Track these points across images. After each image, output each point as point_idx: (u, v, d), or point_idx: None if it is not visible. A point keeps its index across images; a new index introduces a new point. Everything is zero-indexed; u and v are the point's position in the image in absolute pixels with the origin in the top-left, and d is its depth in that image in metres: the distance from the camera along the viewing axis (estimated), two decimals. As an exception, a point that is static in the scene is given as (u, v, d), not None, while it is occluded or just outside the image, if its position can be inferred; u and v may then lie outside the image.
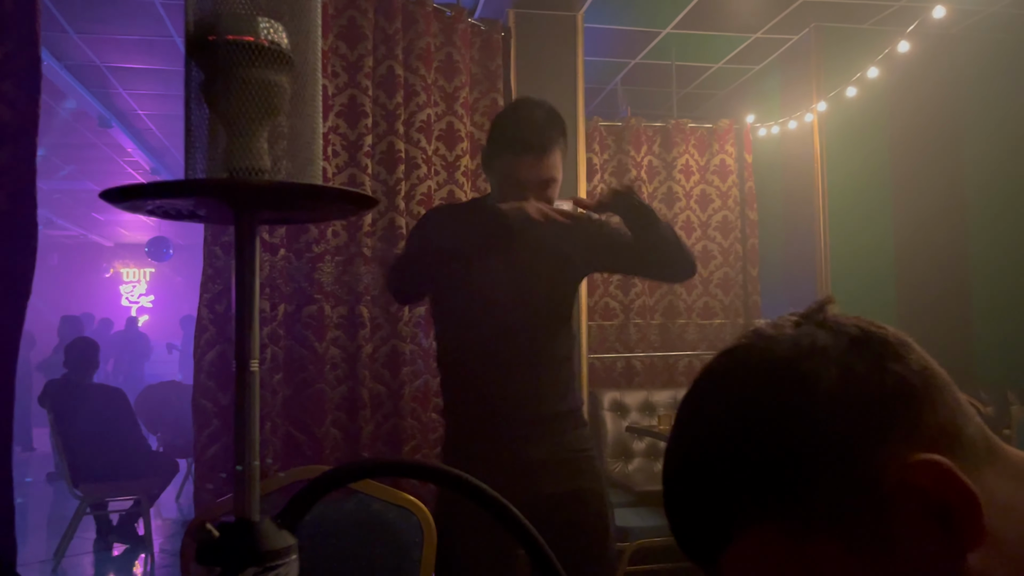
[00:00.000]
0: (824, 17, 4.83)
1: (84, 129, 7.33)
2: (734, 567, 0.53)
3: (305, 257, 3.34)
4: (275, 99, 0.56)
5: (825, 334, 0.56)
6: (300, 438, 3.29)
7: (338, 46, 3.48)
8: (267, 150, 0.56)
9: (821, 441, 0.51)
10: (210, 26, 0.55)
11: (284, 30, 0.56)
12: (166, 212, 0.57)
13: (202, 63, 0.56)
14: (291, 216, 0.67)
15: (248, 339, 0.56)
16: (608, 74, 5.85)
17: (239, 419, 0.56)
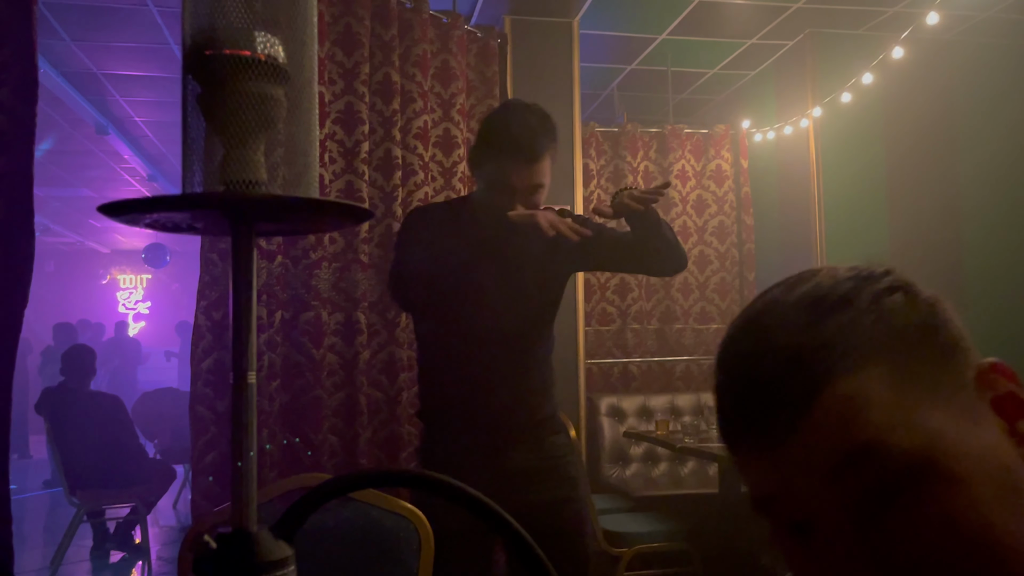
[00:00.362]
0: (818, 23, 4.85)
1: (81, 136, 7.32)
2: (833, 405, 0.54)
3: (302, 264, 3.34)
4: (272, 112, 0.56)
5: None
6: (297, 445, 3.28)
7: (334, 53, 3.49)
8: (263, 162, 0.56)
9: (935, 326, 0.59)
10: (207, 40, 0.55)
11: (280, 43, 0.56)
12: (163, 225, 0.57)
13: (199, 77, 0.56)
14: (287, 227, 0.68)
15: (246, 350, 0.56)
16: (604, 80, 5.87)
17: (236, 430, 0.56)
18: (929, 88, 5.00)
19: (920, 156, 5.00)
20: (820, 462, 0.53)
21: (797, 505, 0.55)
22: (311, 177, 0.60)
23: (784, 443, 0.55)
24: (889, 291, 0.60)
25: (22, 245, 2.03)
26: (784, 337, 0.57)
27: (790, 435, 0.54)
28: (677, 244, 2.02)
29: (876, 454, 0.52)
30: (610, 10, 4.68)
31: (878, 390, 0.54)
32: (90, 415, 4.86)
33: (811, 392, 0.54)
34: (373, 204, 3.56)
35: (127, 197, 0.55)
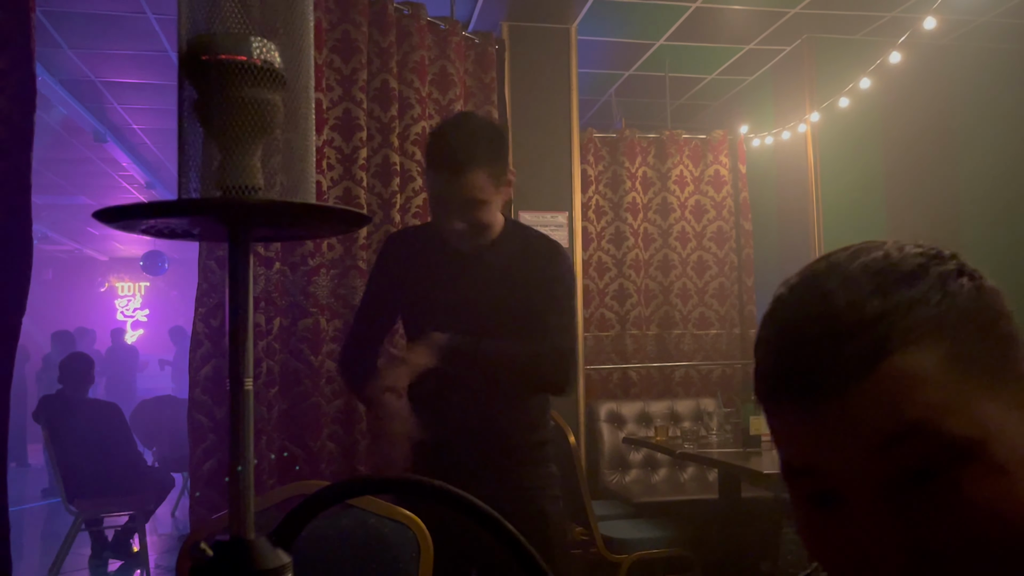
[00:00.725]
0: (816, 28, 4.86)
1: (79, 143, 7.32)
2: (889, 377, 0.53)
3: (300, 270, 3.34)
4: (268, 117, 0.56)
5: None
6: (296, 452, 3.27)
7: (332, 60, 3.49)
8: (260, 168, 0.56)
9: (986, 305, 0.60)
10: (203, 45, 0.55)
11: (277, 48, 0.56)
12: (159, 231, 0.57)
13: (195, 83, 0.56)
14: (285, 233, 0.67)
15: (242, 357, 0.56)
16: (602, 86, 5.88)
17: (234, 437, 0.56)
18: (927, 93, 5.00)
19: (918, 161, 5.00)
20: (865, 433, 0.52)
21: (830, 472, 0.54)
22: (308, 183, 0.59)
23: (830, 405, 0.53)
24: (957, 273, 0.61)
25: (20, 253, 2.03)
26: (847, 300, 0.56)
27: (838, 398, 0.53)
28: (527, 368, 1.89)
29: (926, 434, 0.51)
30: (608, 16, 4.68)
31: (937, 369, 0.53)
32: (88, 423, 4.85)
33: (869, 359, 0.53)
34: (371, 210, 3.56)
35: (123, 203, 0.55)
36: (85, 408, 4.97)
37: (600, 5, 4.51)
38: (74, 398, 5.00)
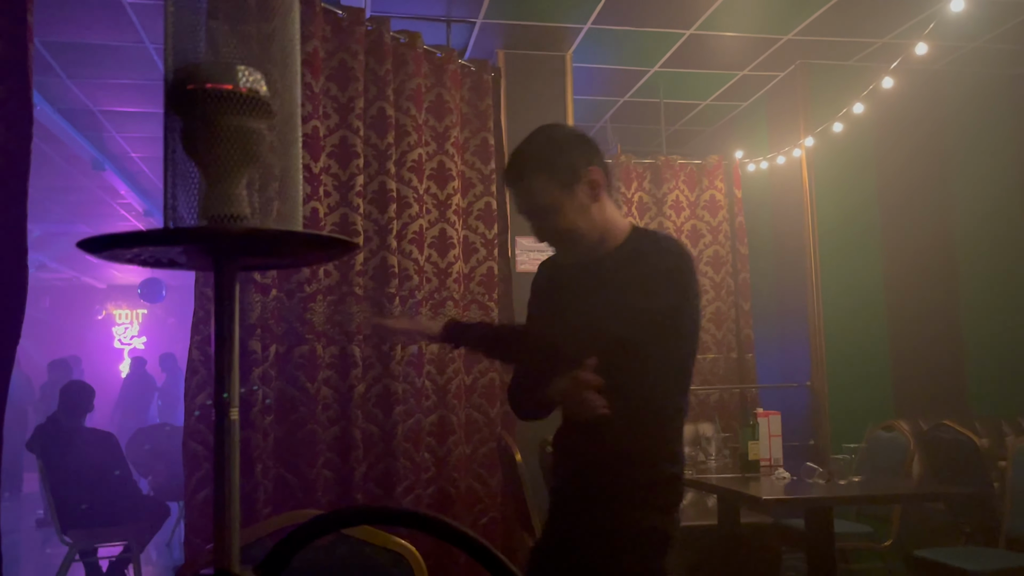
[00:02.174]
0: (809, 54, 4.90)
1: (77, 172, 7.35)
2: None
3: (297, 297, 3.34)
4: (254, 146, 0.56)
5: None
6: (292, 480, 3.25)
7: (329, 88, 3.51)
8: (246, 196, 0.56)
9: None
10: (189, 74, 0.55)
11: (263, 77, 0.56)
12: (145, 260, 0.57)
13: (181, 111, 0.56)
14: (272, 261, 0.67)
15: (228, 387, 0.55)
16: (597, 112, 5.91)
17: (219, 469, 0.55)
18: (920, 117, 5.04)
19: (912, 185, 5.02)
20: None
21: None
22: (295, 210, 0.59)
23: None
24: None
25: (15, 281, 2.02)
26: None
27: None
28: None
29: None
30: (602, 43, 4.73)
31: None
32: (83, 453, 4.81)
33: None
34: (368, 237, 3.56)
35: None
36: (80, 437, 4.93)
37: (595, 33, 4.56)
38: (69, 427, 4.97)
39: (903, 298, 4.91)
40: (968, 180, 5.08)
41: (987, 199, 5.07)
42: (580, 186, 1.81)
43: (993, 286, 5.00)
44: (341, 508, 1.15)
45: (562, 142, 1.86)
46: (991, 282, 5.00)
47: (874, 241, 4.95)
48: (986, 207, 5.06)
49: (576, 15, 4.35)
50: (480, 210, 4.09)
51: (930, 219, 5.02)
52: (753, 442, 3.35)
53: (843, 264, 4.86)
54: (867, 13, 4.40)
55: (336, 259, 0.63)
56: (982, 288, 4.99)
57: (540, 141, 1.87)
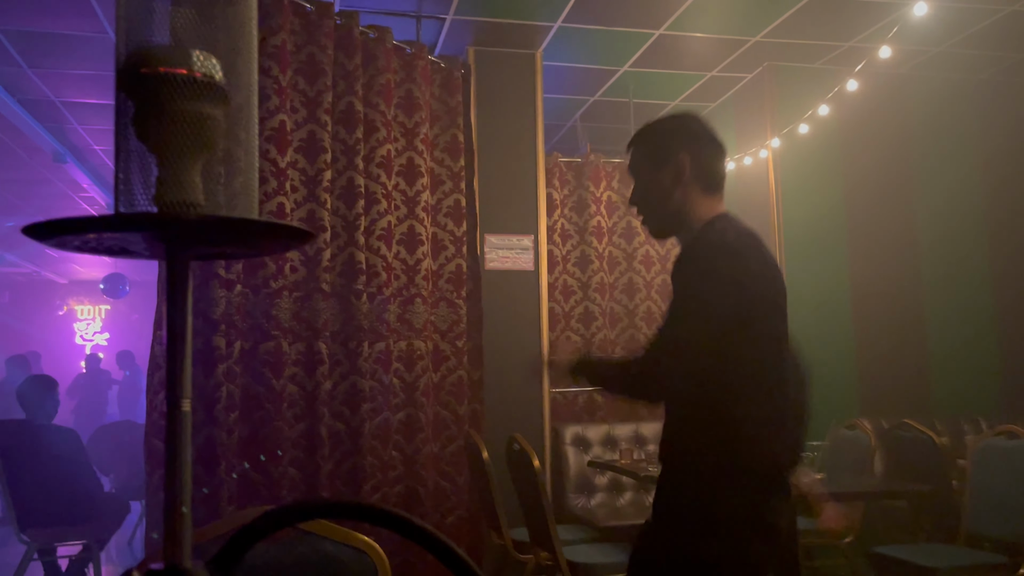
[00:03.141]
0: (776, 56, 4.95)
1: (38, 164, 7.20)
2: None
3: (263, 293, 3.30)
4: (208, 132, 0.54)
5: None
6: (256, 478, 3.22)
7: (297, 82, 3.48)
8: (200, 183, 0.55)
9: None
10: (142, 58, 0.53)
11: (219, 62, 0.55)
12: (94, 248, 0.55)
13: (133, 95, 0.54)
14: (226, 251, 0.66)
15: (181, 377, 0.54)
16: (568, 111, 5.92)
17: (170, 461, 0.54)
18: (885, 120, 5.12)
19: (878, 186, 5.10)
20: None
21: None
22: (251, 199, 0.58)
23: None
24: None
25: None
26: None
27: None
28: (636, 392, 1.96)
29: None
30: (573, 42, 4.73)
31: None
32: (46, 450, 4.71)
33: None
34: (336, 233, 3.53)
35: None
36: (42, 434, 4.84)
37: (565, 31, 4.56)
38: (30, 424, 4.87)
39: (868, 299, 4.98)
40: (933, 183, 5.17)
41: (951, 202, 5.16)
42: (667, 168, 1.91)
43: (956, 288, 5.09)
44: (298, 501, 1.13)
45: (662, 128, 1.97)
46: (955, 284, 5.09)
47: (840, 242, 5.02)
48: (950, 210, 5.15)
49: (546, 13, 4.35)
50: (449, 207, 4.07)
51: (895, 221, 5.10)
52: (718, 440, 3.37)
53: (809, 265, 4.92)
54: (833, 16, 4.45)
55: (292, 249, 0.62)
56: (945, 289, 5.08)
57: (650, 124, 2.00)
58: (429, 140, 4.03)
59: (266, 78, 3.31)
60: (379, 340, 3.62)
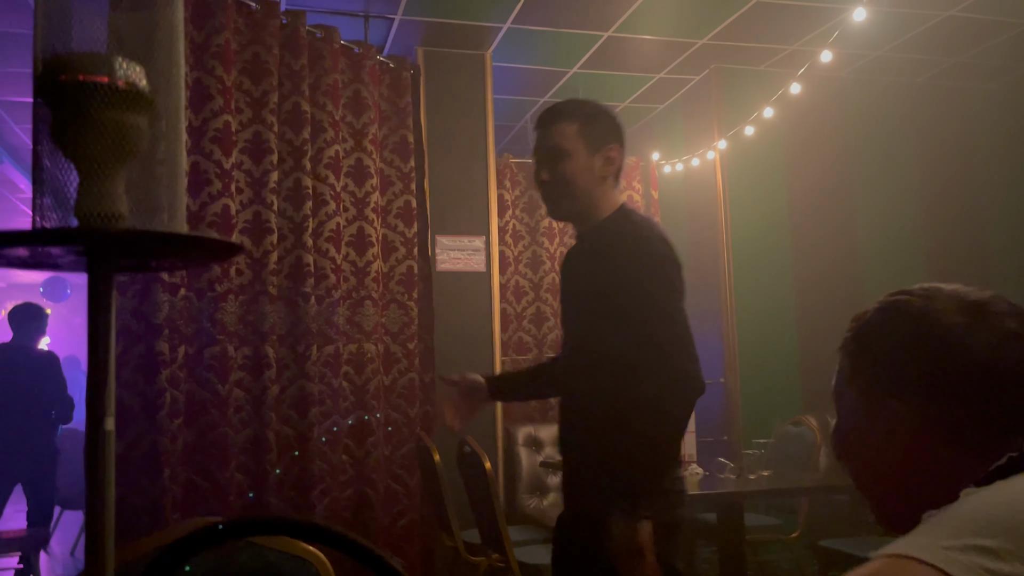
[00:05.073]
0: (723, 59, 5.02)
1: (-27, 165, 6.97)
2: None
3: (207, 296, 3.23)
4: (132, 141, 0.53)
5: None
6: (202, 485, 3.15)
7: (242, 82, 3.42)
8: (124, 194, 0.53)
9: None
10: (61, 64, 0.52)
11: (143, 70, 0.53)
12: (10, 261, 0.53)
13: (52, 103, 0.53)
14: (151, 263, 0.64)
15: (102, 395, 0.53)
16: (518, 112, 5.93)
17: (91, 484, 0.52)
18: (827, 122, 5.23)
19: (820, 187, 5.20)
20: None
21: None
22: (178, 210, 0.57)
23: None
24: None
25: None
26: None
27: None
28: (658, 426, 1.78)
29: None
30: (522, 43, 4.74)
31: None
32: None
33: None
34: (283, 235, 3.48)
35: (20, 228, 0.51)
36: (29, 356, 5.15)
37: (514, 33, 4.56)
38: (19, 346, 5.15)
39: (811, 297, 5.07)
40: (872, 185, 5.29)
41: (890, 203, 5.29)
42: (599, 155, 1.93)
43: (895, 285, 5.20)
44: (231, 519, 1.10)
45: (601, 113, 1.98)
46: (893, 282, 5.17)
47: (784, 242, 5.11)
48: (889, 211, 5.28)
49: (495, 14, 4.35)
50: (399, 208, 4.05)
51: (836, 221, 5.21)
52: (668, 439, 3.40)
53: (755, 264, 5.00)
54: (777, 20, 4.53)
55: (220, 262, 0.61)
56: (884, 287, 5.14)
57: (583, 103, 1.99)
58: (378, 141, 4.00)
59: (210, 78, 3.25)
60: (328, 343, 3.58)
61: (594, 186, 1.93)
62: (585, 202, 1.93)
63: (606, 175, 1.95)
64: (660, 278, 1.80)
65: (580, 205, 1.94)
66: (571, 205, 1.94)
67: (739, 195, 5.04)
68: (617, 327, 1.79)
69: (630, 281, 1.78)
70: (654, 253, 1.81)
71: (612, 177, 1.97)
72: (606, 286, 1.82)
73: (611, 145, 1.95)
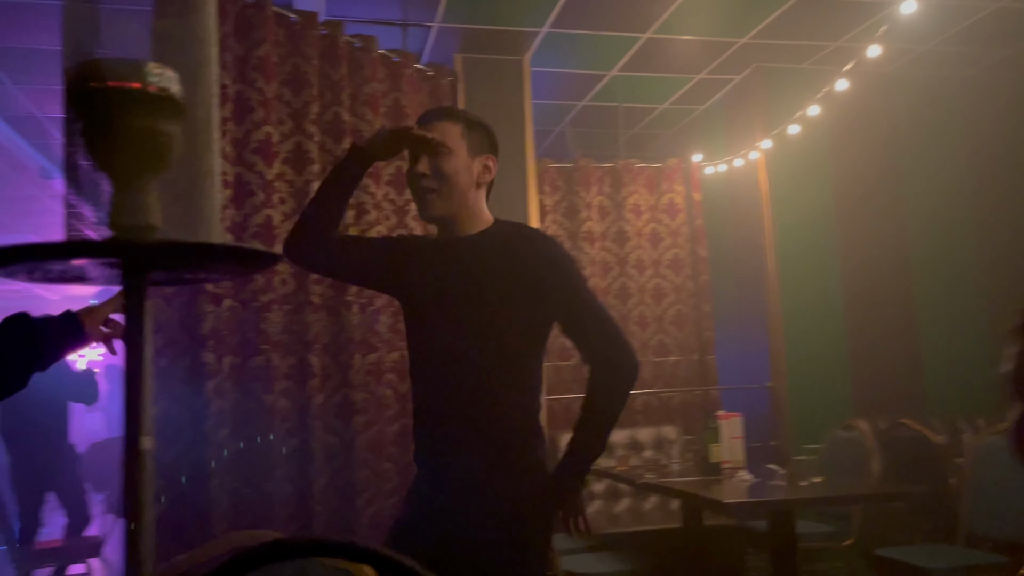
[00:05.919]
0: (765, 58, 4.94)
1: (26, 180, 7.15)
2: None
3: (251, 307, 3.26)
4: (165, 149, 0.51)
5: None
6: (249, 495, 3.17)
7: (283, 93, 3.44)
8: (156, 204, 0.51)
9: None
10: (91, 71, 0.50)
11: (175, 75, 0.52)
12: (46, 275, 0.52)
13: (83, 111, 0.51)
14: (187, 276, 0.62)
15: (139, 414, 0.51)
16: (556, 117, 5.90)
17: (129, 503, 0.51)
18: (874, 119, 5.11)
19: (868, 186, 5.09)
20: None
21: None
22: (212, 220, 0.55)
23: None
24: None
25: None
26: None
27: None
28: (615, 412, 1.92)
29: None
30: (560, 48, 4.71)
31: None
32: None
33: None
34: (324, 244, 3.49)
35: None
36: None
37: (552, 37, 4.54)
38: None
39: (860, 298, 4.96)
40: (921, 181, 5.16)
41: (941, 199, 5.16)
42: (477, 160, 1.92)
43: (947, 285, 5.08)
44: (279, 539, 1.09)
45: (482, 123, 1.98)
46: (946, 280, 5.08)
47: (831, 242, 5.00)
48: (940, 207, 5.14)
49: (533, 19, 4.33)
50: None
51: (885, 220, 5.09)
52: (715, 444, 3.35)
53: (801, 265, 4.90)
54: (821, 17, 4.44)
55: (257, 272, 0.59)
56: (937, 286, 5.06)
57: (465, 111, 2.02)
58: (417, 149, 4.00)
59: (251, 90, 3.28)
60: (371, 351, 3.58)
61: (469, 190, 1.91)
62: (460, 204, 1.90)
63: (482, 183, 1.94)
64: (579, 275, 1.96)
65: (456, 207, 1.90)
66: (447, 205, 1.89)
67: (783, 195, 4.95)
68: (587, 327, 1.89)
69: (569, 281, 1.89)
70: (566, 255, 1.97)
71: (485, 187, 1.97)
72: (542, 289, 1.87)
73: (488, 155, 1.96)
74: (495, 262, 1.87)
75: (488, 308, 1.85)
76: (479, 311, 1.85)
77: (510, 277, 1.86)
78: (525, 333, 1.89)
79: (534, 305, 1.87)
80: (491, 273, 1.86)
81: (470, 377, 1.86)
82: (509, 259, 1.87)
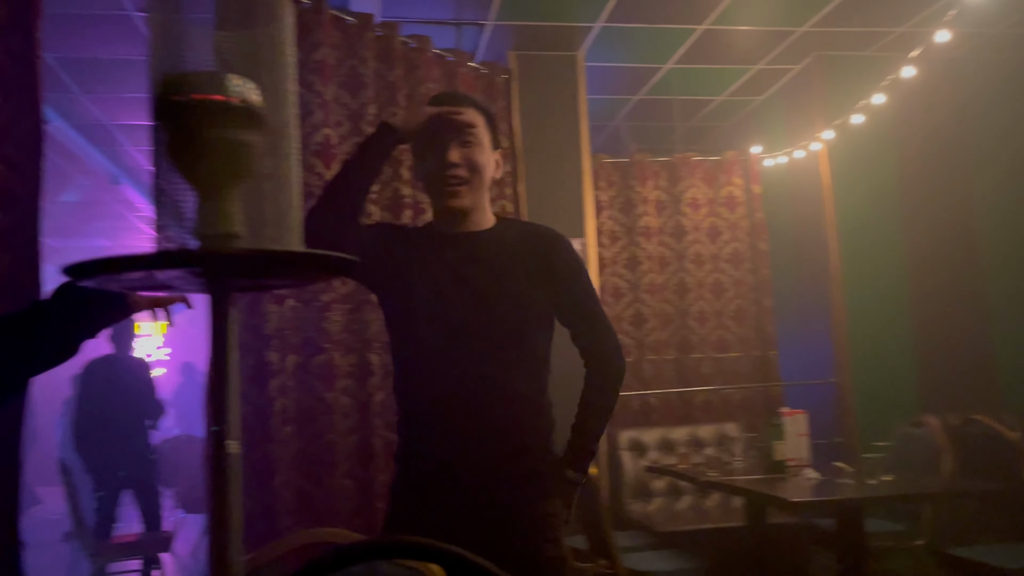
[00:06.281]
0: (825, 46, 4.83)
1: (95, 187, 7.39)
2: None
3: (313, 306, 3.31)
4: (247, 159, 0.52)
5: None
6: (313, 491, 3.23)
7: (340, 95, 3.49)
8: (239, 213, 0.52)
9: None
10: (176, 85, 0.51)
11: (256, 86, 0.53)
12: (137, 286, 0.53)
13: (167, 124, 0.52)
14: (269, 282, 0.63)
15: (225, 419, 0.52)
16: (611, 111, 5.86)
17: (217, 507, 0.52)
18: (942, 106, 4.95)
19: (934, 174, 4.94)
20: None
21: None
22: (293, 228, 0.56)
23: None
24: None
25: (28, 298, 2.01)
26: None
27: None
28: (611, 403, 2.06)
29: None
30: (615, 42, 4.68)
31: None
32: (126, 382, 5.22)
33: None
34: (383, 244, 3.53)
35: (139, 246, 0.51)
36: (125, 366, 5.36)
37: (607, 31, 4.51)
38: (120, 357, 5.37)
39: (927, 290, 4.82)
40: (992, 168, 4.98)
41: (1012, 188, 4.97)
42: (496, 154, 1.89)
43: (1020, 276, 4.90)
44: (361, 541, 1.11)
45: (496, 118, 1.99)
46: (1018, 272, 4.90)
47: (896, 233, 4.87)
48: (1011, 197, 4.96)
49: (587, 13, 4.31)
50: (495, 213, 4.05)
51: (953, 209, 4.93)
52: (779, 442, 3.29)
53: (865, 258, 4.78)
54: (883, 2, 4.33)
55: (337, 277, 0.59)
56: (1008, 278, 4.89)
57: (485, 102, 2.02)
58: (473, 147, 4.02)
59: (309, 93, 3.33)
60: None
61: (490, 183, 1.88)
62: (482, 197, 1.86)
63: (495, 177, 1.90)
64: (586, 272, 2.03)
65: (480, 199, 1.85)
66: (475, 197, 1.83)
67: (846, 186, 4.84)
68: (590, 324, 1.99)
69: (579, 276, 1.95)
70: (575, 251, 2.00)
71: (491, 179, 1.90)
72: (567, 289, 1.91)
73: (498, 150, 1.91)
74: (519, 256, 1.84)
75: (512, 301, 1.82)
76: (504, 304, 1.81)
77: (532, 272, 1.84)
78: (548, 327, 1.93)
79: (550, 298, 1.88)
80: (516, 267, 1.83)
81: (494, 369, 1.80)
82: (530, 254, 1.85)
